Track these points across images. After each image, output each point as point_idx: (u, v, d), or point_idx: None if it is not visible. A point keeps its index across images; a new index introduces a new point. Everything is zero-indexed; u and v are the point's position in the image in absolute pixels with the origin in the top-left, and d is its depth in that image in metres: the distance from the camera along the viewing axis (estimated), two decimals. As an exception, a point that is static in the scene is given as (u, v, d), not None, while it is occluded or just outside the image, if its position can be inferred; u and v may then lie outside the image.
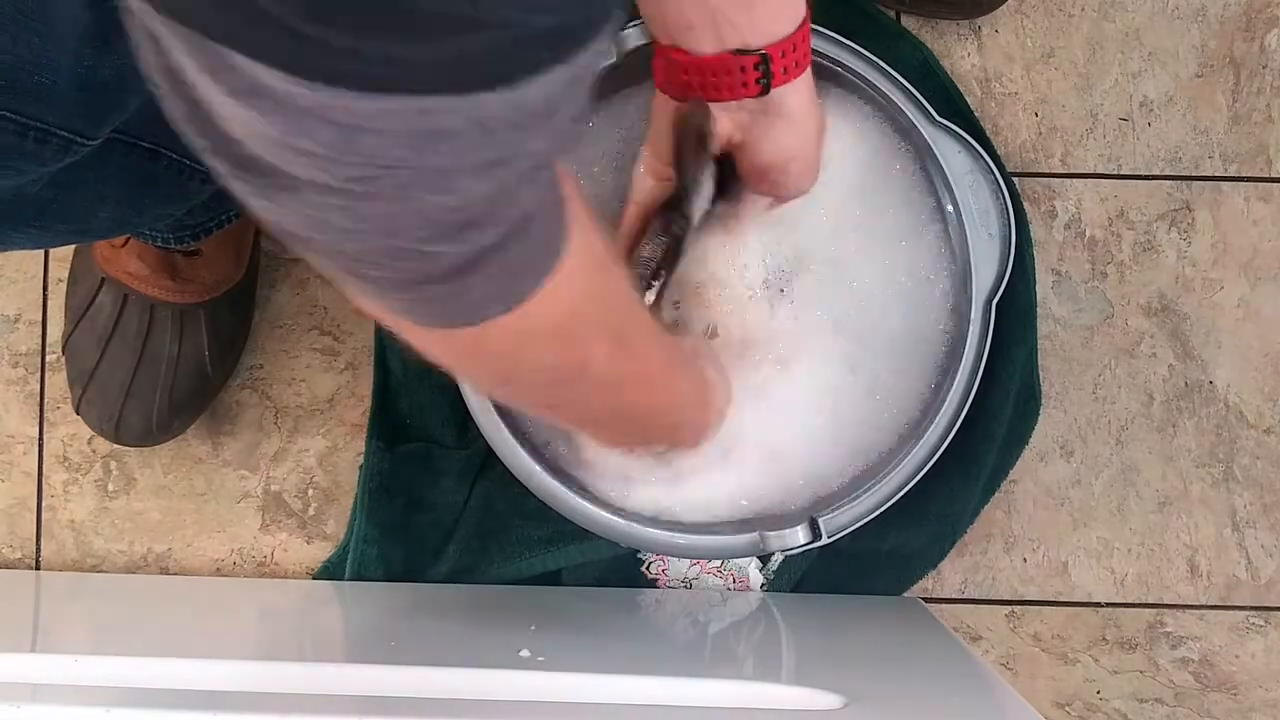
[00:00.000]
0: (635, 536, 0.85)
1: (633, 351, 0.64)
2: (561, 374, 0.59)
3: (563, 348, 0.56)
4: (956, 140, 0.86)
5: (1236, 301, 0.98)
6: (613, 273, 0.59)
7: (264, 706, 0.65)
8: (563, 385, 0.61)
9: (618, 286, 0.60)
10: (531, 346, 0.54)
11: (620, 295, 0.61)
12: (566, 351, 0.57)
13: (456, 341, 0.52)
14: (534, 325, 0.52)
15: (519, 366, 0.56)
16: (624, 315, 0.62)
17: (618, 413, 0.70)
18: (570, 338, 0.56)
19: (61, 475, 0.98)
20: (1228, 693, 0.98)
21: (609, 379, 0.62)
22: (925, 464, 0.85)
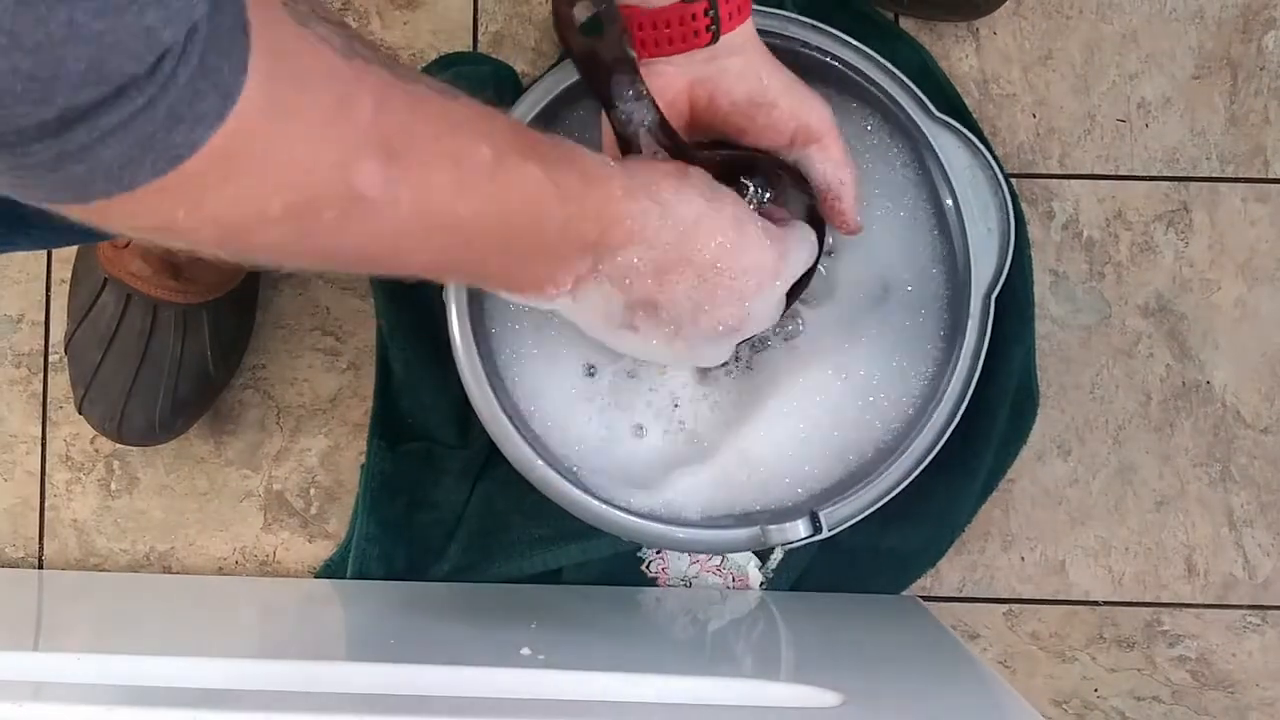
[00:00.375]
0: (637, 530, 0.85)
1: (422, 160, 0.52)
2: (315, 214, 0.48)
3: (288, 184, 0.46)
4: (955, 135, 0.87)
5: (1234, 302, 0.98)
6: (348, 74, 0.48)
7: (266, 705, 0.66)
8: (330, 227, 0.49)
9: (361, 88, 0.49)
10: (232, 196, 0.45)
11: (367, 98, 0.49)
12: (296, 186, 0.47)
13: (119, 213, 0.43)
14: (219, 175, 0.43)
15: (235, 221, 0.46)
16: (390, 119, 0.50)
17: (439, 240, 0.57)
18: (297, 175, 0.46)
19: (64, 475, 0.98)
20: (1225, 691, 0.98)
21: (401, 202, 0.51)
22: (925, 458, 0.85)
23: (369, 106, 0.49)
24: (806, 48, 0.86)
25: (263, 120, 0.43)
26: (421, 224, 0.54)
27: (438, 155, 0.53)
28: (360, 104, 0.48)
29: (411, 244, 0.55)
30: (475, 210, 0.56)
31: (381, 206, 0.50)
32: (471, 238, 0.58)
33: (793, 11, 0.90)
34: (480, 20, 0.99)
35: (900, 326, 0.88)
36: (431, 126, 0.53)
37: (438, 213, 0.54)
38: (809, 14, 0.88)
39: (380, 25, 0.98)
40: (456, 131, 0.55)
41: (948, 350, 0.87)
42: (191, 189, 0.43)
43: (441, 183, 0.54)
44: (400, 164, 0.50)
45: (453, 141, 0.54)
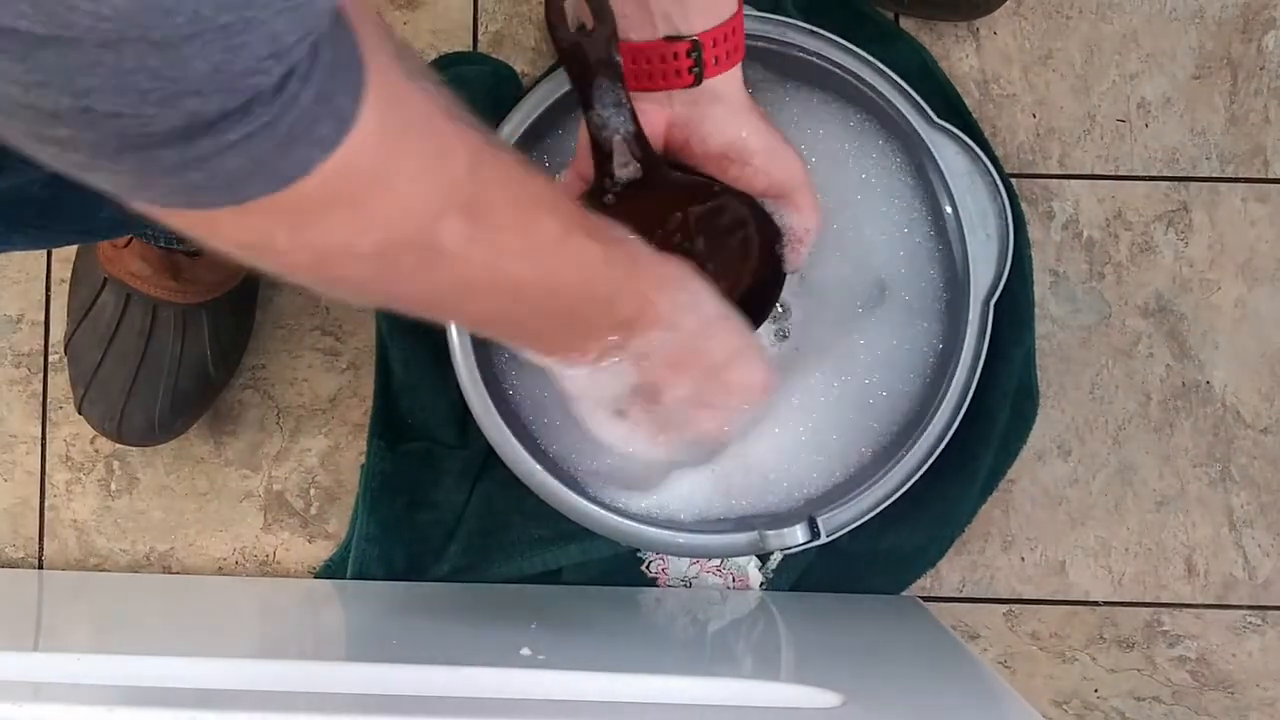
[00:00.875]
0: (635, 535, 0.86)
1: (500, 224, 0.54)
2: (398, 257, 0.50)
3: (383, 224, 0.48)
4: (954, 141, 0.87)
5: (1234, 302, 0.98)
6: (448, 129, 0.50)
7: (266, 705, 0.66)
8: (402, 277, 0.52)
9: (459, 145, 0.51)
10: (331, 227, 0.46)
11: (463, 155, 0.51)
12: (390, 227, 0.48)
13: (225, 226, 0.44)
14: (324, 203, 0.44)
15: (326, 251, 0.48)
16: (470, 176, 0.51)
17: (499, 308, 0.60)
18: (392, 215, 0.48)
19: (64, 475, 0.98)
20: (1225, 691, 0.98)
21: (472, 264, 0.53)
22: (924, 463, 0.85)
23: (464, 165, 0.51)
24: (805, 53, 0.86)
25: (371, 155, 0.44)
26: (486, 282, 0.56)
27: (514, 222, 0.56)
28: (457, 160, 0.50)
29: (470, 298, 0.58)
30: (536, 277, 0.59)
31: (456, 260, 0.52)
32: (525, 300, 0.60)
33: (791, 12, 0.90)
34: (480, 20, 0.99)
35: (899, 331, 0.88)
36: (512, 194, 0.56)
37: (503, 274, 0.56)
38: (808, 14, 0.88)
39: (380, 25, 0.98)
40: (533, 203, 0.58)
41: (947, 355, 0.87)
42: (296, 211, 0.44)
43: (512, 247, 0.56)
44: (481, 224, 0.52)
45: (529, 211, 0.57)
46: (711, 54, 0.71)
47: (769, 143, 0.75)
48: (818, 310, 0.88)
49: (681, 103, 0.73)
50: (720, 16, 0.71)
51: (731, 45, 0.72)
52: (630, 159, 0.73)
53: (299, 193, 0.43)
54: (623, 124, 0.71)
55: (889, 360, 0.88)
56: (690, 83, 0.71)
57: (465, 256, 0.52)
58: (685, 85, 0.71)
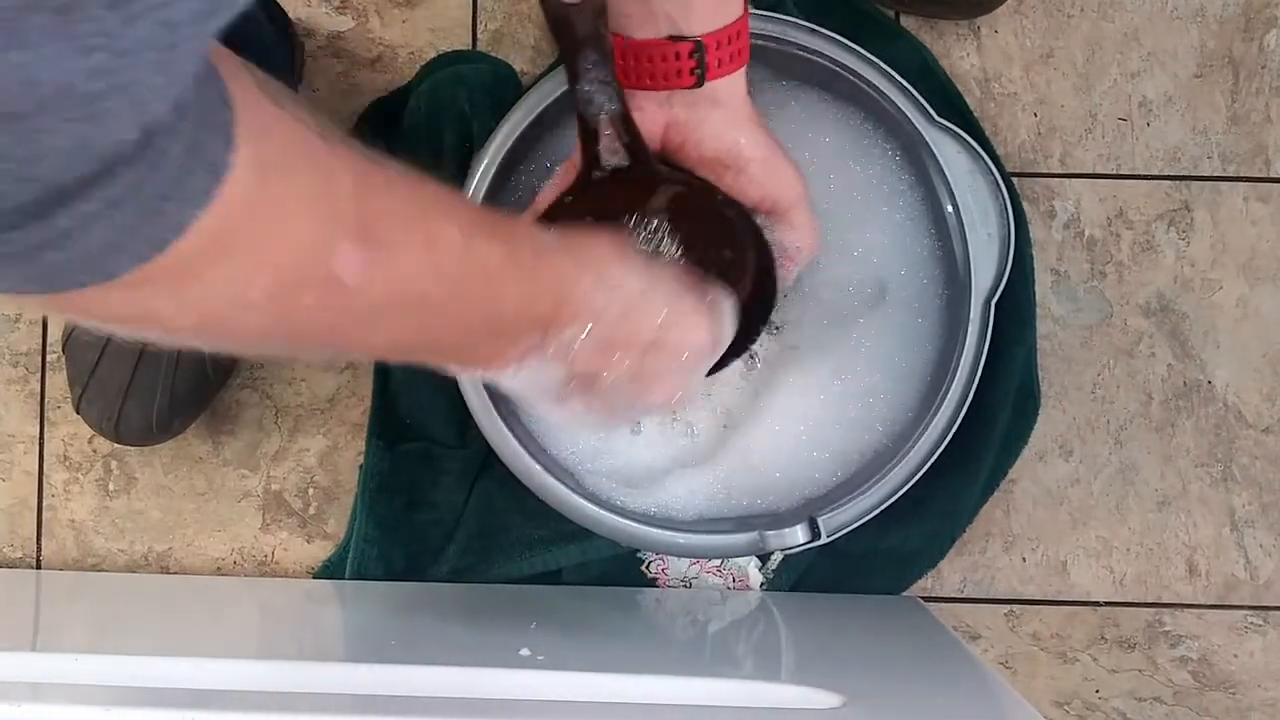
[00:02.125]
0: (635, 536, 0.85)
1: (396, 242, 0.51)
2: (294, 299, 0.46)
3: (271, 269, 0.44)
4: (956, 140, 0.87)
5: (1235, 301, 0.98)
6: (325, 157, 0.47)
7: (264, 705, 0.66)
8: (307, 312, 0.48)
9: (339, 171, 0.47)
10: (215, 282, 0.42)
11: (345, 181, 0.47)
12: (279, 271, 0.44)
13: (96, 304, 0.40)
14: (207, 259, 0.40)
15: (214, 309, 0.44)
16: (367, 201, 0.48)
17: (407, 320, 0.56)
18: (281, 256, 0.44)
19: (62, 474, 0.98)
20: (1226, 692, 0.98)
21: (374, 285, 0.50)
22: (924, 464, 0.85)
23: (348, 188, 0.48)
24: (806, 52, 0.86)
25: (250, 199, 0.41)
26: (392, 307, 0.53)
27: (410, 238, 0.52)
28: (340, 185, 0.47)
29: (379, 326, 0.54)
30: (443, 292, 0.55)
31: (357, 290, 0.49)
32: (436, 317, 0.57)
33: (793, 10, 0.90)
34: (479, 18, 0.99)
35: (900, 330, 0.88)
36: (403, 209, 0.52)
37: (408, 294, 0.53)
38: (809, 12, 0.88)
39: (380, 24, 0.98)
40: (428, 214, 0.54)
41: (948, 355, 0.87)
42: (175, 275, 0.40)
43: (413, 264, 0.53)
44: (376, 247, 0.49)
45: (425, 224, 0.53)
46: (714, 56, 0.70)
47: (767, 153, 0.74)
48: (818, 310, 0.88)
49: (681, 104, 0.72)
50: (725, 19, 0.70)
51: (735, 49, 0.71)
52: (618, 144, 0.72)
53: (174, 255, 0.38)
54: (607, 103, 0.70)
55: (890, 360, 0.88)
56: (692, 84, 0.71)
57: (366, 283, 0.49)
58: (686, 86, 0.71)
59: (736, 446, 0.87)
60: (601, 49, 0.69)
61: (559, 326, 0.63)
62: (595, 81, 0.70)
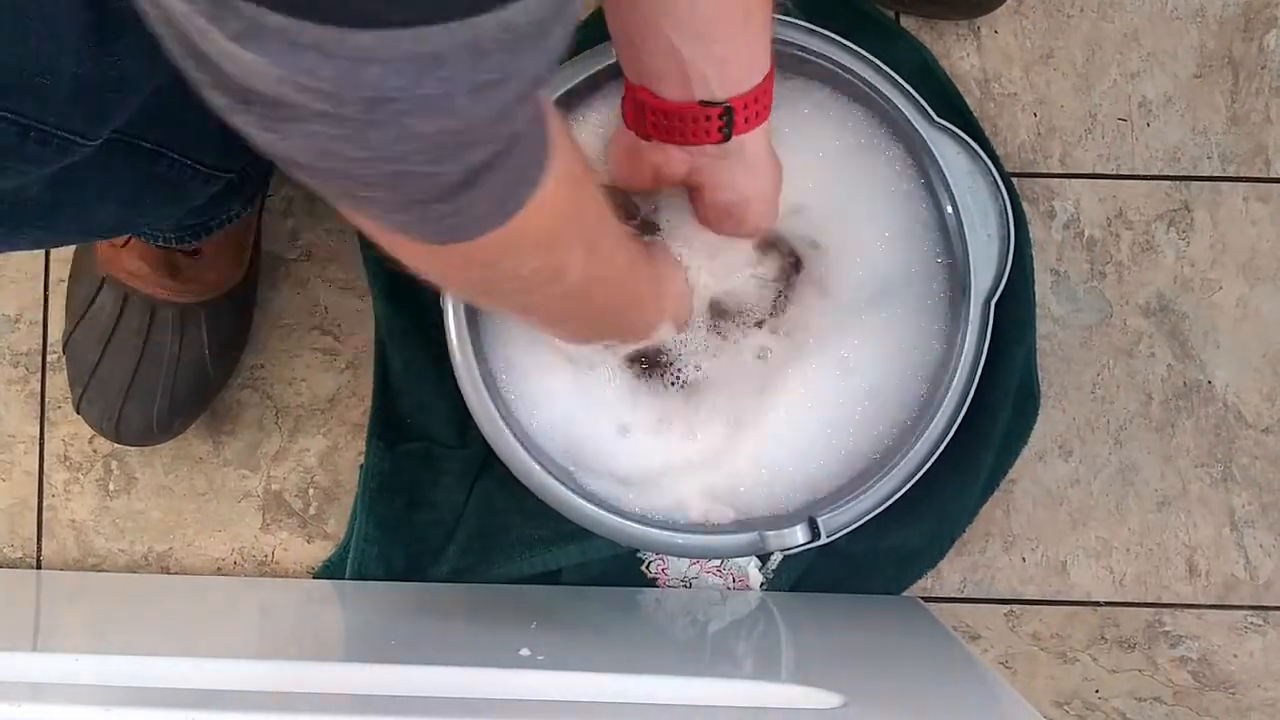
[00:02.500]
0: (635, 536, 0.85)
1: (602, 257, 0.68)
2: (539, 281, 0.62)
3: (543, 256, 0.60)
4: (955, 141, 0.87)
5: (1235, 301, 0.98)
6: (587, 184, 0.62)
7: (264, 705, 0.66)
8: (538, 291, 0.65)
9: (591, 196, 0.63)
10: (516, 256, 0.58)
11: (593, 204, 0.64)
12: (546, 260, 0.60)
13: (450, 255, 0.55)
14: (520, 237, 0.55)
15: (502, 275, 0.60)
16: (596, 223, 0.65)
17: (584, 313, 0.76)
18: (551, 247, 0.60)
19: (62, 475, 0.98)
20: (1226, 692, 0.98)
21: (580, 283, 0.66)
22: (924, 463, 0.85)
23: (595, 209, 0.64)
24: (806, 52, 0.86)
25: (555, 198, 0.55)
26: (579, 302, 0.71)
27: (610, 257, 0.69)
28: (592, 206, 0.64)
29: (562, 312, 0.74)
30: (609, 302, 0.76)
31: (572, 285, 0.65)
32: (607, 308, 0.77)
33: (793, 11, 0.90)
34: (480, 19, 0.98)
35: (900, 330, 0.88)
36: (611, 233, 0.69)
37: (592, 297, 0.72)
38: (809, 13, 0.88)
39: (379, 24, 0.98)
40: (616, 240, 0.70)
41: (947, 355, 0.87)
42: (506, 244, 0.54)
43: (604, 278, 0.70)
44: (593, 257, 0.66)
45: (618, 247, 0.71)
46: (742, 115, 0.73)
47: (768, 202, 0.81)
48: (818, 309, 0.88)
49: (709, 154, 0.76)
50: (754, 80, 0.73)
51: (761, 105, 0.74)
52: None
53: (514, 226, 0.52)
54: None
55: (890, 360, 0.88)
56: (719, 140, 0.74)
57: (579, 283, 0.65)
58: (715, 142, 0.74)
59: (737, 446, 0.87)
60: None
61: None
62: None
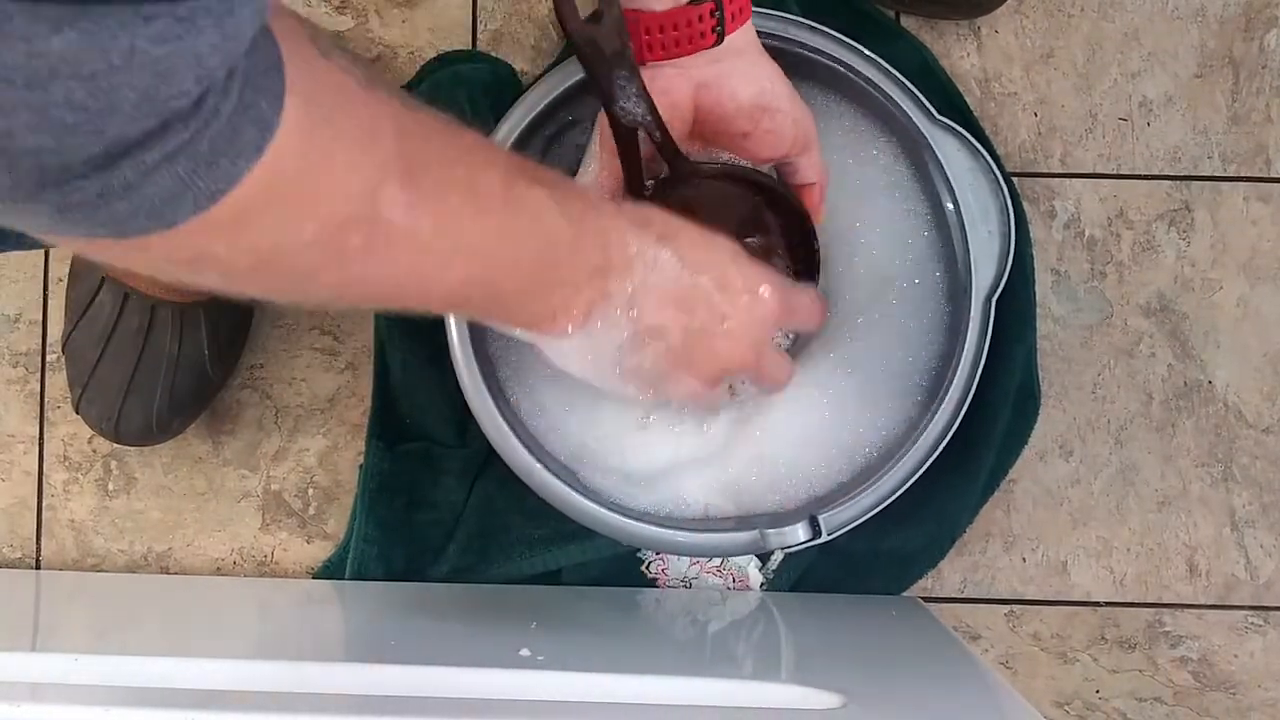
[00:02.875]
0: (635, 534, 0.85)
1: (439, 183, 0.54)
2: (343, 241, 0.49)
3: (318, 213, 0.48)
4: (956, 138, 0.87)
5: (1235, 301, 0.98)
6: (369, 105, 0.50)
7: (264, 705, 0.65)
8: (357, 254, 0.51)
9: (382, 117, 0.51)
10: (266, 228, 0.46)
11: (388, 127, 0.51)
12: (325, 214, 0.48)
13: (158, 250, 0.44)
14: (257, 207, 0.44)
15: (267, 253, 0.47)
16: (409, 145, 0.52)
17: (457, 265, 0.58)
18: (329, 199, 0.48)
19: (62, 474, 0.98)
20: (1227, 692, 0.98)
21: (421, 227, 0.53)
22: (924, 462, 0.85)
23: (390, 134, 0.50)
24: (806, 50, 0.86)
25: (297, 151, 0.44)
26: (441, 247, 0.55)
27: (453, 180, 0.55)
28: (383, 132, 0.50)
29: (432, 270, 0.56)
30: (490, 232, 0.58)
31: (404, 230, 0.52)
32: (487, 261, 0.59)
33: (794, 10, 0.90)
34: (479, 18, 0.98)
35: (901, 328, 0.88)
36: (445, 153, 0.55)
37: (455, 235, 0.55)
38: (810, 12, 0.88)
39: (379, 23, 0.98)
40: (467, 157, 0.57)
41: (948, 353, 0.87)
42: (231, 222, 0.44)
43: (458, 206, 0.55)
44: (420, 188, 0.52)
45: (465, 167, 0.56)
46: (730, 10, 0.72)
47: (790, 88, 0.76)
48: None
49: (705, 63, 0.74)
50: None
51: (743, 1, 0.73)
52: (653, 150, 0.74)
53: (230, 204, 0.42)
54: (642, 113, 0.72)
55: (890, 357, 0.88)
56: (713, 42, 0.72)
57: (412, 225, 0.52)
58: (709, 45, 0.72)
59: (738, 445, 0.87)
60: (629, 63, 0.70)
61: (618, 274, 0.65)
62: (631, 96, 0.71)
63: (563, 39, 0.98)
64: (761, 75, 0.75)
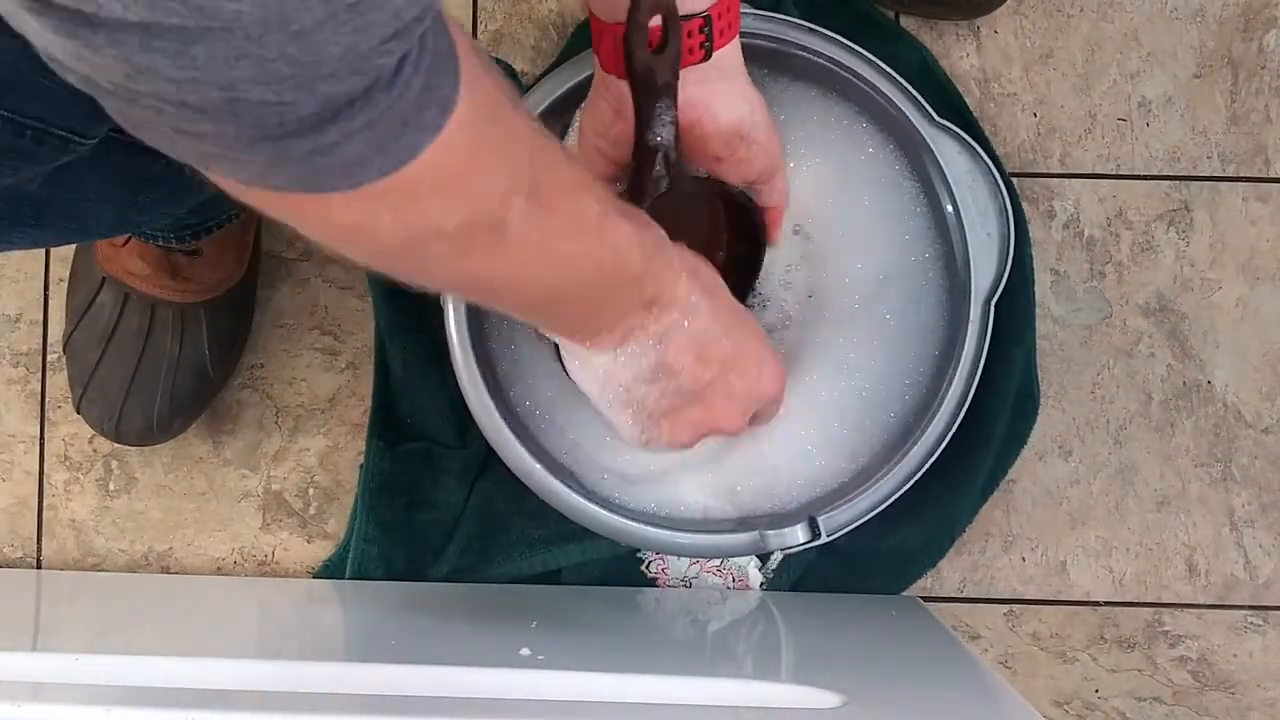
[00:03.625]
0: (635, 535, 0.85)
1: (553, 205, 0.58)
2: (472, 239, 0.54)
3: (468, 205, 0.52)
4: (956, 140, 0.87)
5: (1235, 301, 0.98)
6: (515, 118, 0.55)
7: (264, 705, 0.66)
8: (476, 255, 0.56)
9: (523, 132, 0.55)
10: (428, 208, 0.50)
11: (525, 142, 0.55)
12: (472, 208, 0.52)
13: (337, 209, 0.47)
14: (426, 185, 0.48)
15: (418, 232, 0.51)
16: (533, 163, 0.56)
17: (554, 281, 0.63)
18: (467, 192, 0.52)
19: (63, 474, 0.98)
20: (1226, 692, 0.98)
21: (531, 239, 0.57)
22: (924, 463, 0.85)
23: (526, 150, 0.55)
24: (805, 52, 0.86)
25: (464, 140, 0.48)
26: (540, 259, 0.60)
27: (563, 203, 0.59)
28: (522, 147, 0.55)
29: (525, 277, 0.61)
30: (579, 254, 0.62)
31: (519, 238, 0.56)
32: (568, 278, 0.64)
33: (793, 11, 0.90)
34: (479, 18, 0.99)
35: (900, 330, 0.88)
36: (560, 177, 0.60)
37: (553, 252, 0.60)
38: (809, 13, 0.88)
39: (379, 24, 0.98)
40: (576, 186, 0.62)
41: (948, 354, 0.87)
42: (402, 194, 0.47)
43: (561, 226, 0.59)
44: (538, 204, 0.56)
45: (574, 193, 0.61)
46: (718, 26, 0.72)
47: (768, 118, 0.77)
48: (818, 309, 0.88)
49: (692, 82, 0.74)
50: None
51: (733, 16, 0.73)
52: (665, 172, 0.75)
53: (406, 176, 0.46)
54: (669, 139, 0.74)
55: (890, 359, 0.88)
56: (701, 58, 0.73)
57: (524, 235, 0.56)
58: (697, 61, 0.73)
59: (738, 446, 0.87)
60: (674, 95, 0.73)
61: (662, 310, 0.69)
62: (666, 124, 0.73)
63: (563, 40, 0.98)
64: (744, 103, 0.76)
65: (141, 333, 0.91)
